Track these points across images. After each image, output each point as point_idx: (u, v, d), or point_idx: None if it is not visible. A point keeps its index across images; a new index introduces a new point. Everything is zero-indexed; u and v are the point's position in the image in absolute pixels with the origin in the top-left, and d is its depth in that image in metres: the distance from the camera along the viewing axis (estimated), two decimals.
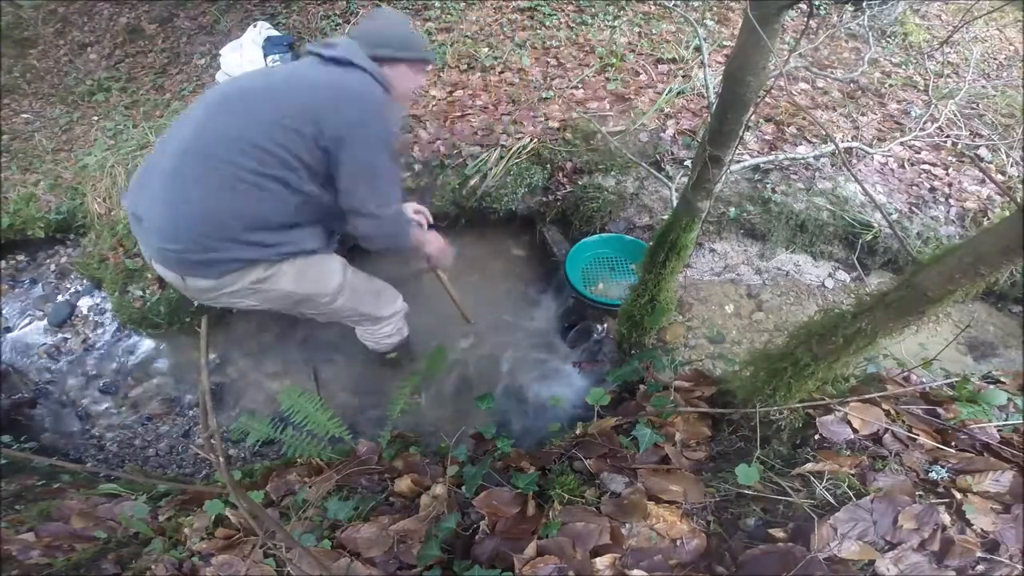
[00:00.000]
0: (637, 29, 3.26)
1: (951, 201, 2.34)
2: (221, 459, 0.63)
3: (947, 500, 1.01)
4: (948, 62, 3.21)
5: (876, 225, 2.25)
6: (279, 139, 1.31)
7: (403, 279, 2.16)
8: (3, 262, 2.81)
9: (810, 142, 2.48)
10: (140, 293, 2.32)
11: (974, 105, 2.82)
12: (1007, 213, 2.13)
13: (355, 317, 1.84)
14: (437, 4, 3.50)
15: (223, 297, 1.48)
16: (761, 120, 2.58)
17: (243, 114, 1.33)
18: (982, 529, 0.95)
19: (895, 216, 2.29)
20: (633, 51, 3.06)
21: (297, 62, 1.48)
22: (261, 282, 1.46)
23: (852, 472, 1.06)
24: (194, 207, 1.33)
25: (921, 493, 1.02)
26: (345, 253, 1.74)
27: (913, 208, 2.32)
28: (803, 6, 2.72)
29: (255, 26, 3.32)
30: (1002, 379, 1.36)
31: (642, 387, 1.51)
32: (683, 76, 2.84)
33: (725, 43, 3.13)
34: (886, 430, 1.14)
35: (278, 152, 1.32)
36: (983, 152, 2.55)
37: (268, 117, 1.32)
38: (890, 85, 2.91)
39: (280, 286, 1.49)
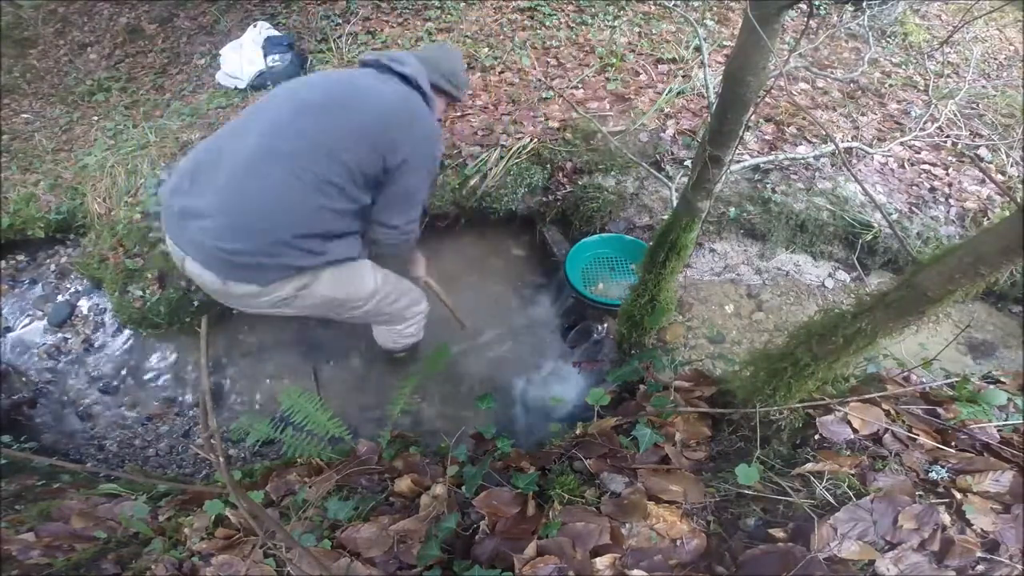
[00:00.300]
0: (637, 29, 3.26)
1: (951, 201, 2.34)
2: (221, 459, 0.63)
3: (947, 500, 1.01)
4: (948, 62, 3.21)
5: (876, 225, 2.25)
6: (356, 152, 1.35)
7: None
8: (3, 262, 2.81)
9: (810, 142, 2.48)
10: (140, 293, 2.32)
11: (974, 105, 2.82)
12: (1007, 213, 2.13)
13: (384, 317, 1.85)
14: (437, 4, 3.50)
15: (263, 304, 1.46)
16: (761, 120, 2.58)
17: (329, 122, 1.35)
18: (982, 529, 0.95)
19: (895, 216, 2.29)
20: (633, 51, 3.06)
21: (366, 72, 1.50)
22: (303, 288, 1.44)
23: (852, 472, 1.06)
24: (265, 207, 1.30)
25: (921, 493, 1.02)
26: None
27: (913, 208, 2.32)
28: (803, 6, 2.72)
29: (255, 26, 3.32)
30: (1002, 379, 1.36)
31: (642, 387, 1.51)
32: (683, 76, 2.84)
33: (725, 43, 3.13)
34: (886, 430, 1.14)
35: (351, 164, 1.35)
36: (983, 152, 2.55)
37: (351, 128, 1.35)
38: (890, 85, 2.91)
39: (320, 292, 1.48)
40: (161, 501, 1.48)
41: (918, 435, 1.13)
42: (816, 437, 1.17)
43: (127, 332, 2.50)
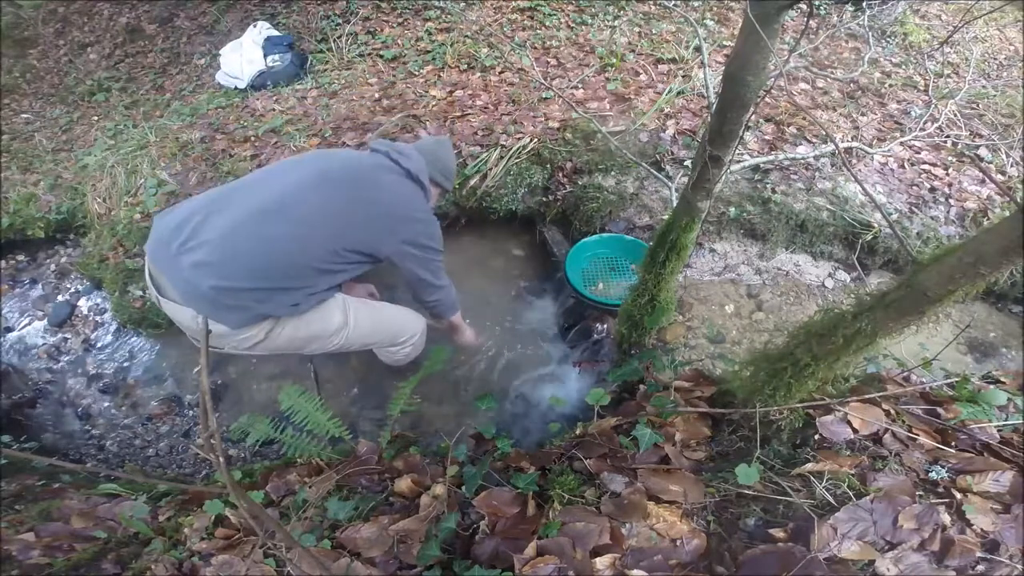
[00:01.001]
0: (637, 29, 3.26)
1: (951, 201, 2.34)
2: (221, 459, 0.63)
3: (947, 500, 1.01)
4: (948, 62, 3.21)
5: (876, 225, 2.25)
6: (360, 231, 1.51)
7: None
8: (3, 262, 2.81)
9: (810, 142, 2.48)
10: (140, 293, 2.32)
11: (974, 105, 2.82)
12: (1007, 213, 2.12)
13: (368, 346, 1.89)
14: (437, 4, 3.50)
15: (230, 345, 1.49)
16: (761, 120, 2.58)
17: (343, 200, 1.50)
18: (982, 529, 0.95)
19: (895, 216, 2.29)
20: (633, 51, 3.06)
21: (379, 160, 1.65)
22: (270, 331, 1.50)
23: (852, 472, 1.06)
24: (264, 258, 1.39)
25: (921, 493, 1.02)
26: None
27: (913, 208, 2.32)
28: (803, 6, 2.72)
29: (255, 26, 3.32)
30: (1002, 379, 1.36)
31: (642, 387, 1.51)
32: (683, 76, 2.84)
33: (725, 43, 3.13)
34: (886, 430, 1.14)
35: (353, 239, 1.50)
36: (983, 152, 2.55)
37: (362, 211, 1.52)
38: (890, 85, 2.91)
39: (285, 333, 1.54)
40: (161, 501, 1.48)
41: (918, 435, 1.13)
42: (816, 437, 1.17)
43: (127, 332, 2.50)
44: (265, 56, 3.16)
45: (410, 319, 1.95)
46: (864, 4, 3.36)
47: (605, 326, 2.16)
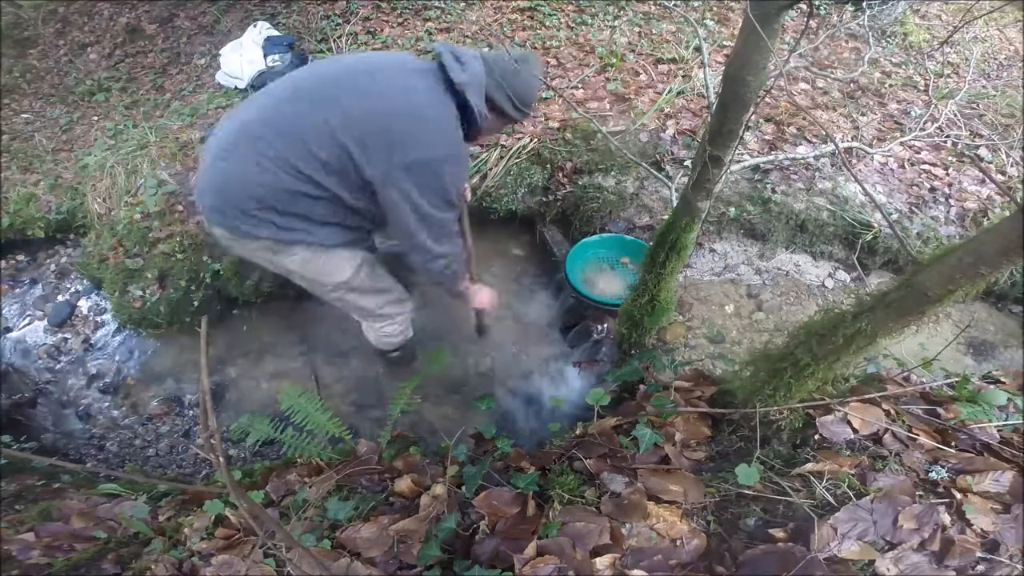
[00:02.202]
0: (637, 29, 3.26)
1: (951, 201, 2.34)
2: (221, 459, 0.63)
3: (947, 500, 1.01)
4: (948, 62, 3.20)
5: (876, 225, 2.25)
6: (324, 146, 1.30)
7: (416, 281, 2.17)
8: (3, 262, 2.81)
9: (810, 142, 2.48)
10: (140, 293, 2.32)
11: (974, 105, 2.82)
12: (1007, 213, 2.13)
13: (355, 310, 1.85)
14: (437, 4, 3.50)
15: (241, 250, 1.54)
16: (761, 120, 2.58)
17: (307, 110, 1.31)
18: (982, 529, 0.95)
19: (895, 216, 2.29)
20: (633, 51, 3.06)
21: (411, 63, 1.38)
22: (272, 254, 1.50)
23: (852, 472, 1.06)
24: (230, 181, 1.38)
25: (921, 493, 1.02)
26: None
27: (913, 208, 2.32)
28: (803, 6, 2.72)
29: (255, 26, 3.32)
30: (1002, 379, 1.36)
31: (642, 387, 1.51)
32: (683, 76, 2.83)
33: (725, 43, 3.13)
34: (886, 430, 1.14)
35: (319, 154, 1.31)
36: (983, 152, 2.55)
37: (327, 120, 1.29)
38: (890, 85, 2.91)
39: (286, 265, 1.54)
40: (161, 501, 1.48)
41: (918, 435, 1.13)
42: (816, 437, 1.17)
43: (127, 332, 2.50)
44: (265, 56, 3.16)
45: (401, 296, 1.87)
46: (864, 4, 3.35)
47: (605, 326, 2.16)
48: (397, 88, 1.32)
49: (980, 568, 0.91)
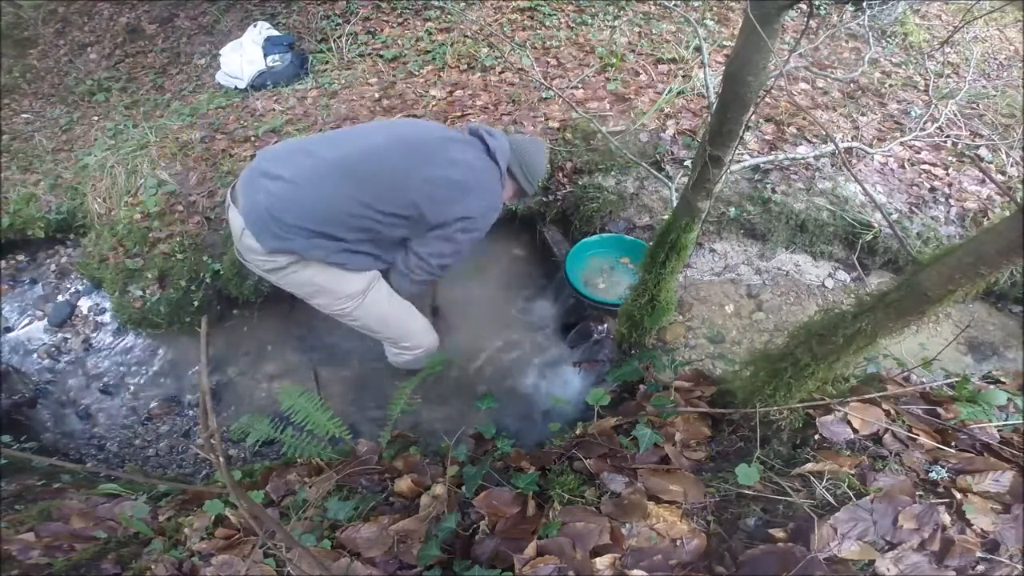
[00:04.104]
0: (637, 29, 3.26)
1: (951, 201, 2.34)
2: (221, 459, 0.63)
3: (947, 500, 1.01)
4: (948, 62, 3.20)
5: (876, 225, 2.25)
6: (414, 197, 1.52)
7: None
8: (3, 262, 2.81)
9: (810, 142, 2.48)
10: (140, 293, 2.32)
11: (974, 105, 2.82)
12: (1007, 213, 2.13)
13: (365, 330, 1.89)
14: (437, 4, 3.50)
15: (259, 265, 1.61)
16: (761, 120, 2.58)
17: (405, 164, 1.53)
18: (982, 529, 0.95)
19: (895, 216, 2.29)
20: (633, 51, 3.06)
21: (464, 136, 1.68)
22: (293, 264, 1.58)
23: (852, 472, 1.06)
24: (317, 206, 1.50)
25: (921, 493, 1.02)
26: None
27: (913, 208, 2.32)
28: (803, 6, 2.72)
29: (255, 26, 3.32)
30: (1002, 379, 1.36)
31: (642, 387, 1.51)
32: (683, 76, 2.83)
33: (725, 43, 3.13)
34: (886, 430, 1.14)
35: (408, 202, 1.52)
36: (983, 152, 2.55)
37: (422, 175, 1.53)
38: (890, 85, 2.91)
39: (304, 273, 1.61)
40: (161, 501, 1.48)
41: (918, 435, 1.13)
42: (816, 437, 1.17)
43: (127, 332, 2.50)
44: (265, 56, 3.16)
45: (423, 333, 1.98)
46: (864, 4, 3.35)
47: (605, 326, 2.16)
48: (459, 158, 1.59)
49: (980, 568, 0.91)
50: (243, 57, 3.16)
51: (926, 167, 2.46)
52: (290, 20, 3.60)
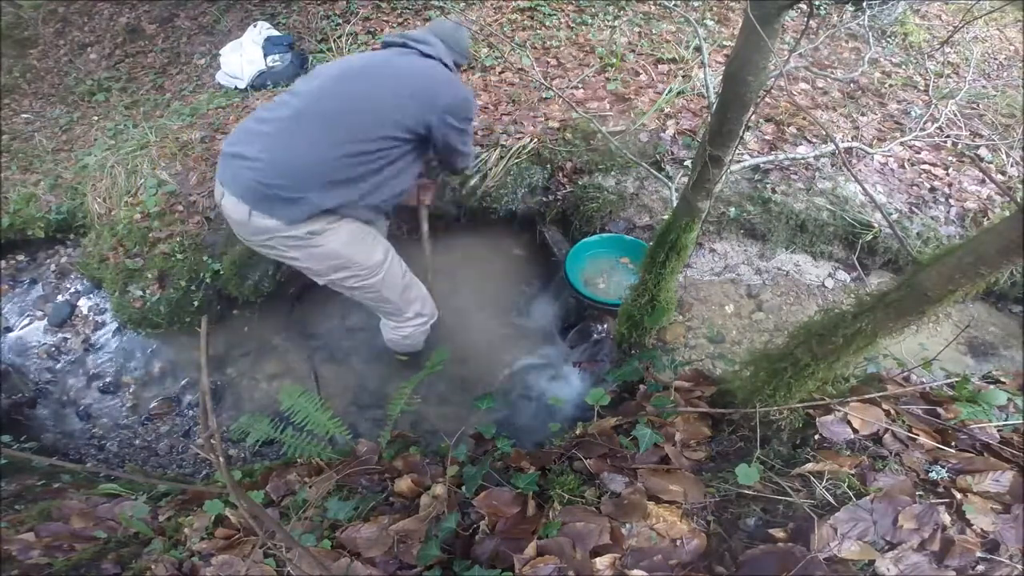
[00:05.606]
0: (637, 29, 3.26)
1: (951, 201, 2.34)
2: (221, 459, 0.63)
3: (947, 500, 1.01)
4: (948, 62, 3.20)
5: (876, 225, 2.25)
6: (396, 112, 1.55)
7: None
8: (3, 262, 2.81)
9: (810, 142, 2.48)
10: (140, 293, 2.32)
11: (974, 105, 2.82)
12: (1007, 213, 2.13)
13: (380, 302, 1.91)
14: (437, 4, 3.50)
15: (276, 241, 1.61)
16: (761, 120, 2.58)
17: (367, 88, 1.58)
18: (982, 529, 0.95)
19: (895, 216, 2.29)
20: (633, 51, 3.06)
21: (395, 52, 1.71)
22: (317, 234, 1.60)
23: (852, 472, 1.06)
24: (304, 155, 1.52)
25: (921, 493, 1.02)
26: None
27: (913, 208, 2.32)
28: (803, 6, 2.72)
29: (255, 26, 3.32)
30: (1002, 379, 1.36)
31: (642, 387, 1.51)
32: (683, 76, 2.83)
33: (725, 43, 3.13)
34: (886, 430, 1.14)
35: (389, 121, 1.55)
36: (983, 152, 2.55)
37: (391, 92, 1.56)
38: (890, 85, 2.91)
39: (331, 243, 1.63)
40: (161, 501, 1.48)
41: (918, 435, 1.13)
42: (816, 437, 1.17)
43: (127, 332, 2.50)
44: (265, 56, 3.16)
45: (427, 298, 2.03)
46: (864, 4, 3.35)
47: (605, 326, 2.16)
48: (416, 62, 1.67)
49: (980, 568, 0.91)
50: (243, 57, 3.16)
51: (926, 167, 2.46)
52: (290, 20, 3.60)
